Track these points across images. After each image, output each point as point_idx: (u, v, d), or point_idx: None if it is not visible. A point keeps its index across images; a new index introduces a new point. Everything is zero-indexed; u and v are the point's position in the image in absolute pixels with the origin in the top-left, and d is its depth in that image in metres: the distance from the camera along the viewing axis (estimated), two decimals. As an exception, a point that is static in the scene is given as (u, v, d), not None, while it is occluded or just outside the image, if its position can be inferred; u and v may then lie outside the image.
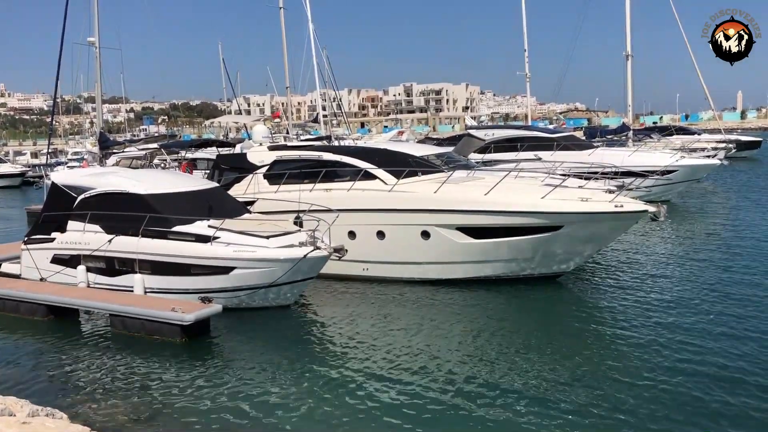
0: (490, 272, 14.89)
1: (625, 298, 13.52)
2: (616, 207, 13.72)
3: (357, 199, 15.47)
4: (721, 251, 17.60)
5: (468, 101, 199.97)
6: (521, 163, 20.50)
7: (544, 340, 11.34)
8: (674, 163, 27.16)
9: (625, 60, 33.50)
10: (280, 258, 12.78)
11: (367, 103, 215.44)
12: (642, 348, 10.68)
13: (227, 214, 14.18)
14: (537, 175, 16.84)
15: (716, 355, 10.23)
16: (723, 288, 13.90)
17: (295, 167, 16.94)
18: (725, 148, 36.97)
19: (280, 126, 29.87)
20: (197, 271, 13.24)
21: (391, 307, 13.80)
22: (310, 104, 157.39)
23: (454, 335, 11.88)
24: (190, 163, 26.45)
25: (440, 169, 16.55)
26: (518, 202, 14.20)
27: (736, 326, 11.48)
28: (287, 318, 13.28)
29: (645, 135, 42.25)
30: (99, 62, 23.88)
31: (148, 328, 12.10)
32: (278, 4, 34.80)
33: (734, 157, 44.01)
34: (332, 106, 63.53)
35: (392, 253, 15.21)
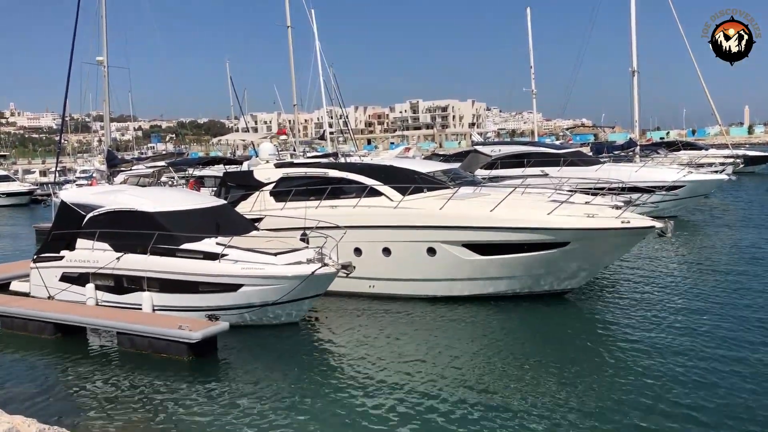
0: (496, 289, 14.86)
1: (633, 315, 13.45)
2: (622, 223, 13.69)
3: (363, 216, 15.50)
4: (729, 268, 17.49)
5: (474, 117, 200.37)
6: (528, 179, 20.50)
7: (551, 358, 11.27)
8: (681, 178, 27.11)
9: (632, 76, 33.55)
10: (288, 275, 12.80)
11: (374, 119, 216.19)
12: (651, 366, 10.61)
13: (235, 231, 14.23)
14: (543, 191, 16.84)
15: (727, 375, 10.15)
16: (731, 306, 13.80)
17: (301, 184, 17.01)
18: (733, 163, 36.92)
19: (287, 143, 30.03)
20: (205, 288, 13.27)
21: (397, 325, 13.77)
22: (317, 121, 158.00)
23: (462, 353, 11.83)
24: (197, 181, 26.57)
25: (446, 186, 16.59)
26: (524, 218, 14.19)
27: (744, 346, 11.39)
28: (294, 335, 13.27)
29: (652, 150, 42.18)
30: (107, 81, 24.18)
31: (156, 346, 12.12)
32: (286, 23, 35.11)
33: (742, 172, 43.87)
34: (339, 123, 63.85)
35: (398, 269, 15.21)
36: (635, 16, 33.15)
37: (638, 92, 33.68)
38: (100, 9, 23.81)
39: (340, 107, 58.76)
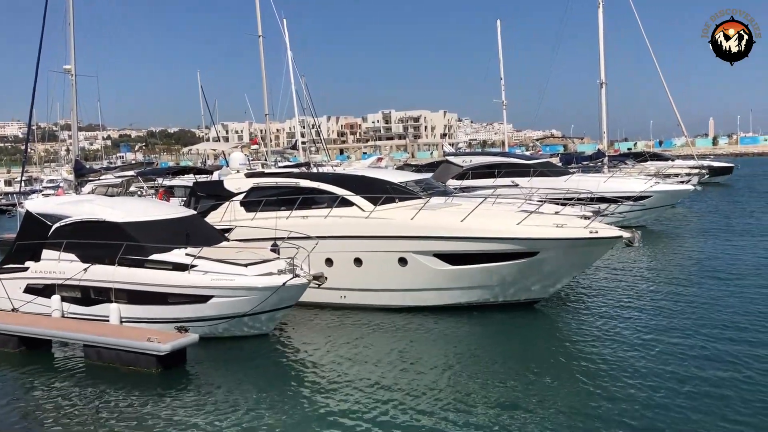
0: (467, 299, 14.93)
1: (602, 324, 13.61)
2: (591, 233, 13.88)
3: (334, 226, 15.48)
4: (694, 276, 17.83)
5: (446, 128, 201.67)
6: (498, 189, 20.66)
7: (522, 367, 11.35)
8: (648, 189, 27.59)
9: (600, 88, 34.10)
10: (259, 286, 12.71)
11: (346, 129, 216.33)
12: (620, 373, 10.75)
13: (205, 241, 14.11)
14: (514, 201, 16.99)
15: (693, 378, 10.33)
16: (697, 311, 14.07)
17: (272, 194, 16.94)
18: (698, 173, 37.68)
19: (258, 153, 29.87)
20: (174, 300, 13.12)
21: (368, 335, 13.75)
22: (289, 131, 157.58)
23: (432, 364, 11.85)
24: (167, 191, 26.29)
25: (418, 196, 16.65)
26: (494, 228, 14.31)
27: (711, 348, 11.63)
28: (265, 347, 13.17)
29: (620, 161, 42.93)
30: (75, 90, 23.77)
31: (124, 358, 11.93)
32: (257, 32, 35.03)
33: (707, 183, 44.80)
34: (311, 132, 63.80)
35: (369, 280, 15.20)
36: (603, 30, 33.74)
37: (606, 104, 34.26)
38: (67, 17, 23.44)
39: (313, 117, 58.80)
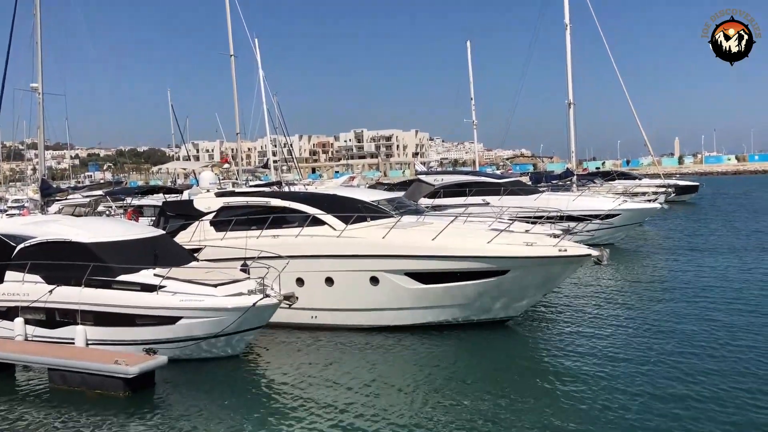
0: (439, 318, 14.94)
1: (572, 342, 13.72)
2: (560, 251, 14.01)
3: (305, 246, 15.41)
4: (661, 293, 18.10)
5: (418, 147, 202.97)
6: (469, 207, 20.80)
7: (494, 386, 11.37)
8: (617, 207, 28.00)
9: (568, 108, 34.68)
10: (229, 307, 12.57)
11: (318, 148, 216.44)
12: (591, 390, 10.82)
13: (174, 262, 13.94)
14: (485, 219, 17.12)
15: (664, 394, 10.45)
16: (665, 328, 14.26)
17: (242, 213, 16.82)
18: (665, 192, 38.34)
19: (230, 172, 29.71)
20: (142, 321, 12.91)
21: (339, 356, 13.67)
22: (261, 150, 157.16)
23: (404, 384, 11.81)
24: (136, 210, 25.97)
25: (389, 215, 16.68)
26: (465, 246, 14.37)
27: (680, 364, 11.78)
28: (235, 369, 13.00)
29: (588, 180, 43.51)
30: (42, 108, 23.42)
31: (90, 382, 11.67)
32: (229, 51, 35.05)
33: (673, 201, 45.62)
34: (283, 151, 63.72)
35: (341, 299, 15.14)
36: (570, 51, 34.41)
37: (575, 123, 34.83)
38: (35, 34, 23.16)
39: (285, 135, 58.78)
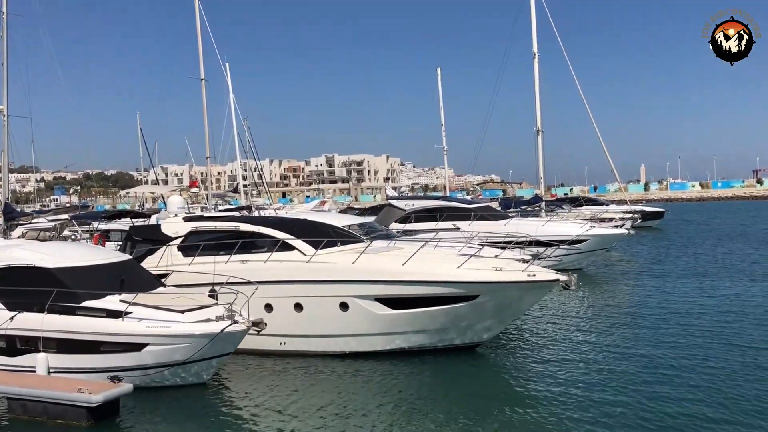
0: (409, 343, 14.89)
1: (542, 367, 13.78)
2: (529, 276, 14.11)
3: (274, 271, 15.28)
4: (629, 318, 18.31)
5: (389, 172, 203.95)
6: (440, 232, 20.90)
7: (464, 412, 11.34)
8: (585, 232, 28.34)
9: (536, 135, 35.18)
10: (196, 333, 12.38)
11: (289, 173, 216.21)
12: (560, 414, 10.87)
13: (140, 287, 13.72)
14: (455, 244, 17.19)
15: (631, 418, 10.52)
16: (631, 353, 14.40)
17: (210, 238, 16.66)
18: (631, 218, 38.96)
19: (199, 196, 29.51)
20: (107, 348, 12.63)
21: (309, 383, 13.52)
22: (231, 174, 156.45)
23: (374, 410, 11.71)
24: (102, 235, 25.59)
25: (360, 239, 16.66)
26: (435, 272, 14.40)
27: (647, 387, 11.92)
28: (202, 397, 12.77)
29: (557, 206, 44.04)
30: (7, 130, 23.05)
31: (51, 411, 11.35)
32: (200, 75, 34.99)
33: (640, 227, 46.32)
34: (253, 175, 63.46)
35: (310, 325, 15.01)
36: (538, 80, 35.02)
37: (543, 150, 35.32)
38: (1, 56, 22.87)
39: (255, 160, 58.50)
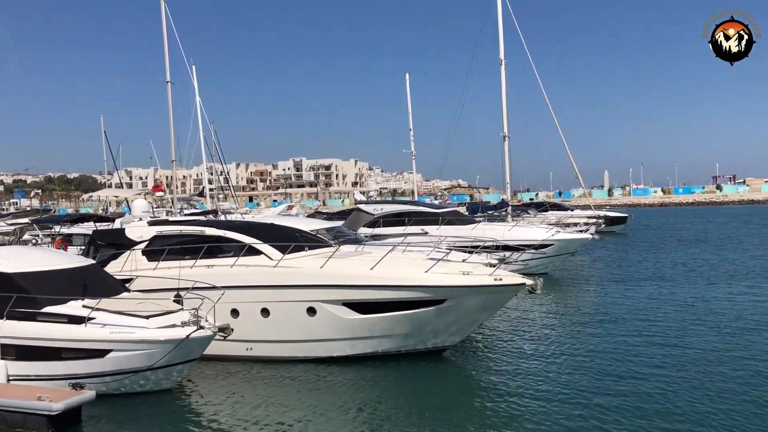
0: (377, 348, 14.88)
1: (508, 370, 13.89)
2: (495, 280, 14.22)
3: (240, 276, 15.15)
4: (593, 321, 18.58)
5: (357, 177, 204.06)
6: (408, 237, 20.95)
7: (431, 415, 11.38)
8: (550, 237, 28.70)
9: (503, 141, 35.54)
10: (161, 339, 12.20)
11: (256, 177, 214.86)
12: (524, 417, 10.96)
13: (104, 292, 13.48)
14: (423, 249, 17.26)
15: (595, 421, 10.66)
16: (595, 356, 14.61)
17: (176, 243, 16.44)
18: (596, 223, 39.63)
19: (164, 200, 29.13)
20: (69, 355, 12.37)
21: (276, 388, 13.42)
22: (196, 177, 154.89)
23: (341, 416, 11.69)
24: (64, 239, 25.10)
25: (328, 244, 16.62)
26: (403, 276, 14.42)
27: (610, 390, 12.08)
28: (167, 403, 12.58)
29: (522, 210, 44.57)
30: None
31: (10, 420, 11.07)
32: (166, 78, 34.60)
33: (604, 232, 47.14)
34: (219, 179, 62.89)
35: (277, 331, 14.91)
36: (505, 85, 35.40)
37: (509, 156, 35.69)
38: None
39: (221, 163, 57.98)
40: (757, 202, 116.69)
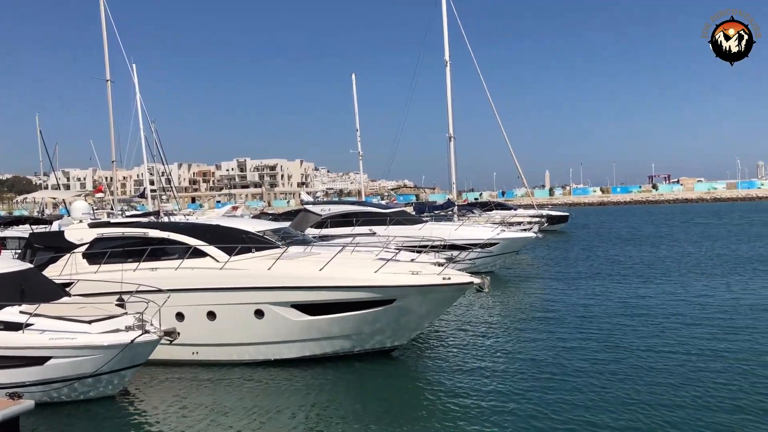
0: (326, 350, 14.81)
1: (456, 369, 14.01)
2: (444, 279, 14.33)
3: (185, 278, 14.84)
4: (538, 318, 18.94)
5: (303, 177, 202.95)
6: (357, 237, 20.94)
7: (378, 415, 11.38)
8: (496, 236, 29.14)
9: (449, 141, 35.94)
10: (104, 344, 11.85)
11: (199, 177, 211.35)
12: (472, 415, 11.08)
13: (42, 297, 13.00)
14: (372, 249, 17.27)
15: (543, 417, 10.86)
16: (538, 353, 14.88)
17: (118, 245, 16.00)
18: (539, 222, 40.45)
19: (104, 201, 28.37)
20: (6, 363, 11.86)
21: (223, 393, 13.20)
22: (137, 178, 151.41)
23: (289, 419, 11.58)
24: (-2, 243, 24.11)
25: (276, 245, 16.45)
26: (352, 276, 14.40)
27: (556, 387, 12.31)
28: (110, 411, 12.22)
29: (468, 210, 45.17)
30: None
31: (-59, 432, 10.59)
32: (105, 76, 33.69)
33: (546, 230, 48.14)
34: (161, 180, 61.56)
35: (224, 334, 14.68)
36: (450, 87, 35.82)
37: (455, 156, 36.13)
38: None
39: (163, 164, 56.75)
40: (691, 201, 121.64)
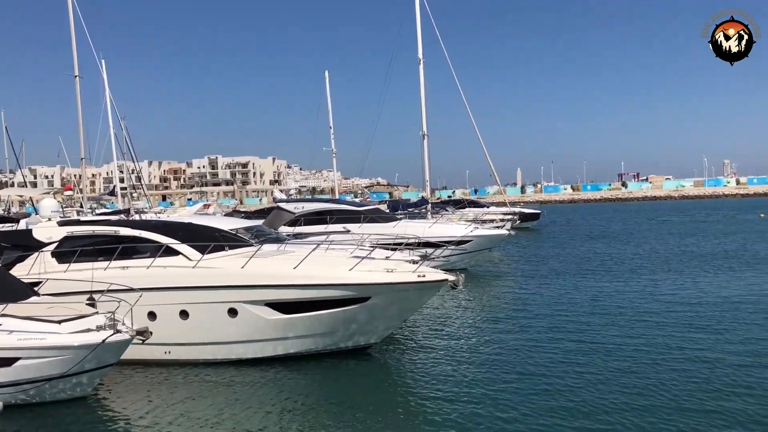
0: (301, 348, 14.75)
1: (431, 366, 14.05)
2: (419, 277, 14.37)
3: (157, 277, 14.67)
4: (512, 314, 19.07)
5: (275, 175, 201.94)
6: (331, 235, 20.87)
7: (353, 413, 11.37)
8: (469, 233, 29.30)
9: (422, 139, 36.05)
10: (75, 344, 11.65)
11: (170, 175, 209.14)
12: (448, 412, 11.13)
13: (9, 297, 12.73)
14: (346, 247, 17.24)
15: (516, 414, 10.95)
16: (510, 351, 14.97)
17: (88, 243, 15.74)
18: (511, 219, 40.77)
19: (73, 199, 27.90)
20: (-28, 365, 11.64)
21: (196, 393, 13.07)
22: (107, 176, 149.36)
23: (264, 417, 11.51)
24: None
25: (249, 243, 16.33)
26: (327, 274, 14.35)
27: (530, 383, 12.43)
28: (82, 412, 12.01)
29: (441, 208, 45.38)
30: None
31: None
32: (74, 72, 33.12)
33: (518, 228, 48.54)
34: (131, 178, 60.80)
35: (197, 333, 14.54)
36: (423, 86, 35.91)
37: (428, 154, 36.24)
38: None
39: (133, 161, 56.03)
40: (659, 198, 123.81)
